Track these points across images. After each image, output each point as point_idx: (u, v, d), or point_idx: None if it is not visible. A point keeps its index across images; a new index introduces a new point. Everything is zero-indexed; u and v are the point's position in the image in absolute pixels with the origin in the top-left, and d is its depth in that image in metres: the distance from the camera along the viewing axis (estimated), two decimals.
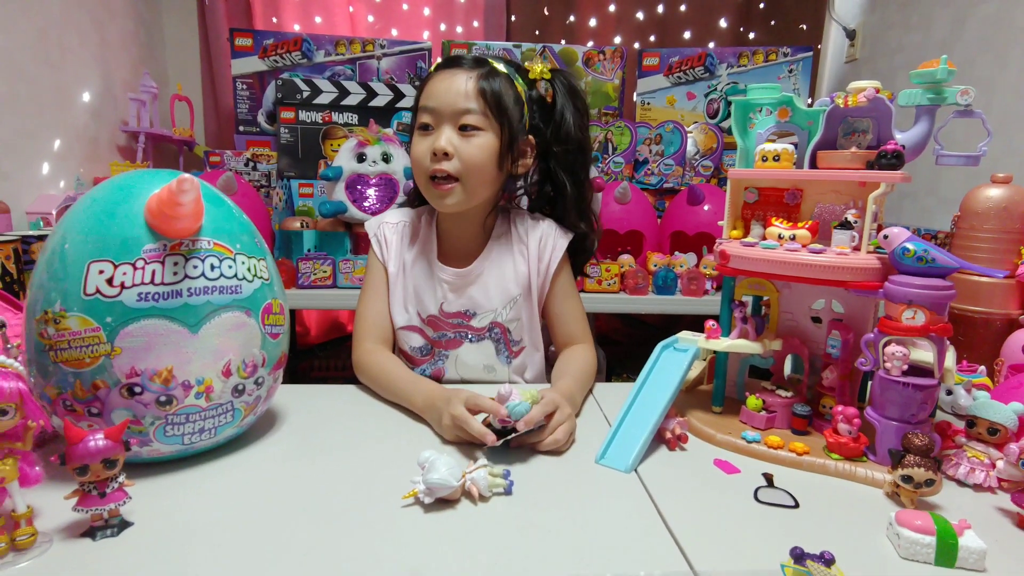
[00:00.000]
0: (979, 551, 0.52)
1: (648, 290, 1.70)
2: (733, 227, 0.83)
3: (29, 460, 0.52)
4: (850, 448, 0.68)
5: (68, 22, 1.81)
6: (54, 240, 0.61)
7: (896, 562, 0.53)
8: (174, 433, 0.63)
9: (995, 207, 0.87)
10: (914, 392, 0.64)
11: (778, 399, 0.77)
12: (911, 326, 0.64)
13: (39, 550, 0.51)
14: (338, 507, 0.59)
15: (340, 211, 1.66)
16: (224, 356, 0.64)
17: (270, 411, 0.81)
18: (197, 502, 0.60)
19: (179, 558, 0.51)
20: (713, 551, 0.53)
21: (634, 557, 0.53)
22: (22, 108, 1.64)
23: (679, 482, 0.66)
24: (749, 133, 0.83)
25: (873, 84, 0.72)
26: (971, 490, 0.66)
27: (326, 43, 2.02)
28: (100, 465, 0.52)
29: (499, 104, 0.87)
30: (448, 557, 0.52)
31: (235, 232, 0.67)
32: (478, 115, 0.86)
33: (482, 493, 0.60)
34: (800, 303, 0.80)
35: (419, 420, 0.80)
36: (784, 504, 0.61)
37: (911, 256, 0.64)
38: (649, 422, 0.71)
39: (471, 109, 0.86)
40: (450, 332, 0.97)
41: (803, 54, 2.03)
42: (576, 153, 0.96)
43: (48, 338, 0.58)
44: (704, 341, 0.79)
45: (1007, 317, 0.88)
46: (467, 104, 0.86)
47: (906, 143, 0.70)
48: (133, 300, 0.59)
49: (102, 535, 0.53)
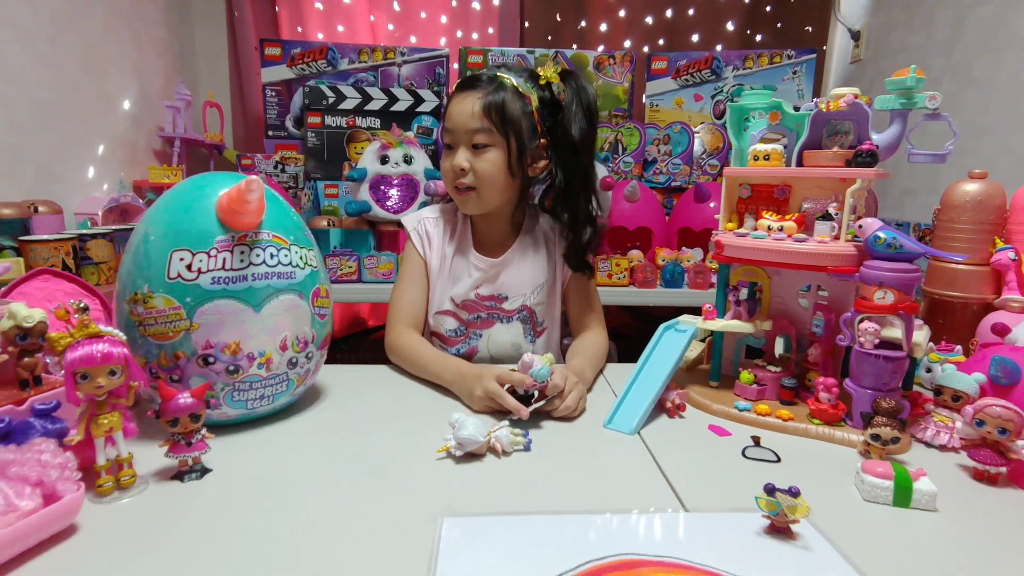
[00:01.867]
0: (931, 493, 0.60)
1: (656, 284, 1.78)
2: (728, 220, 0.92)
3: (127, 415, 0.62)
4: (830, 414, 0.77)
5: (109, 34, 1.93)
6: (138, 234, 0.72)
7: (860, 504, 0.62)
8: (240, 399, 0.73)
9: (971, 201, 0.95)
10: (885, 363, 0.73)
11: (768, 373, 0.86)
12: (882, 305, 0.72)
13: (138, 490, 0.62)
14: (382, 460, 0.69)
15: (364, 210, 1.77)
16: (281, 333, 0.74)
17: (315, 386, 0.92)
18: (262, 456, 0.70)
19: (252, 500, 0.61)
20: (702, 493, 0.63)
21: (633, 498, 0.62)
22: (70, 115, 1.76)
23: (676, 443, 0.75)
24: (744, 135, 0.92)
25: (852, 90, 0.80)
26: (937, 451, 0.75)
27: (350, 51, 2.13)
28: (188, 419, 0.62)
29: (504, 120, 0.96)
30: (475, 497, 0.62)
31: (289, 226, 0.77)
32: (486, 133, 0.97)
33: (505, 449, 0.70)
34: (790, 288, 0.89)
35: (447, 394, 0.90)
36: (767, 460, 0.70)
37: (882, 243, 0.73)
38: (651, 392, 0.80)
39: (480, 128, 0.96)
40: (484, 313, 1.07)
41: (806, 56, 2.11)
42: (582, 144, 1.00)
43: (137, 315, 0.69)
44: (701, 322, 0.88)
45: (983, 301, 0.96)
46: (476, 124, 0.96)
47: (880, 143, 0.79)
48: (208, 283, 0.69)
49: (188, 478, 0.64)
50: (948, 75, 1.91)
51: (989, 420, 0.65)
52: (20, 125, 1.57)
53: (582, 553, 0.51)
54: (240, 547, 0.53)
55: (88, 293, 0.90)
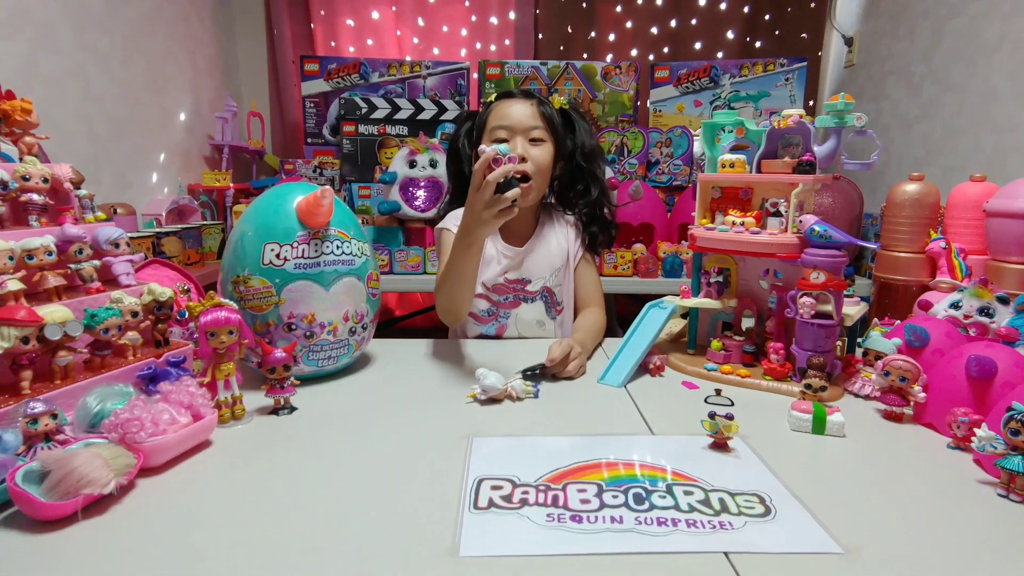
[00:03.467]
0: (840, 423, 0.80)
1: (658, 274, 1.98)
2: (703, 216, 1.11)
3: (239, 366, 0.84)
4: (778, 372, 0.96)
5: (168, 55, 2.17)
6: (237, 232, 0.94)
7: (788, 432, 0.81)
8: (313, 358, 0.95)
9: (910, 199, 1.13)
10: (819, 330, 0.92)
11: (733, 342, 1.05)
12: (815, 283, 0.91)
13: (248, 419, 0.83)
14: (424, 401, 0.90)
15: (395, 209, 1.99)
16: (344, 307, 0.96)
17: (366, 353, 1.13)
18: (333, 400, 0.92)
19: (328, 430, 0.82)
20: (667, 424, 0.83)
21: (615, 427, 0.82)
22: (137, 128, 2.01)
23: (654, 393, 0.95)
24: (716, 146, 1.11)
25: (798, 111, 0.99)
26: (863, 400, 0.93)
27: (380, 66, 2.35)
28: (282, 368, 0.84)
29: (551, 123, 1.21)
30: (495, 428, 0.82)
31: (350, 224, 0.99)
32: (541, 130, 1.20)
33: (519, 396, 0.91)
34: (752, 272, 1.08)
35: (475, 358, 1.11)
36: (724, 404, 0.90)
37: (816, 235, 0.92)
38: (636, 354, 1.01)
39: (537, 125, 1.20)
40: (511, 295, 1.28)
41: (798, 64, 2.28)
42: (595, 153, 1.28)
43: (240, 293, 0.91)
44: (679, 300, 1.07)
45: (920, 283, 1.14)
46: (534, 122, 1.19)
47: (819, 154, 0.98)
48: (292, 268, 0.91)
49: (282, 412, 0.85)
50: (928, 80, 2.07)
51: (893, 371, 0.84)
52: (99, 138, 1.82)
53: (571, 458, 0.72)
54: (323, 461, 0.73)
55: (186, 278, 1.13)
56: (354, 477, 0.68)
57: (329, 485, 0.67)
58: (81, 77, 1.73)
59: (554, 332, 1.31)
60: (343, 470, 0.70)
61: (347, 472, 0.70)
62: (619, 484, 0.66)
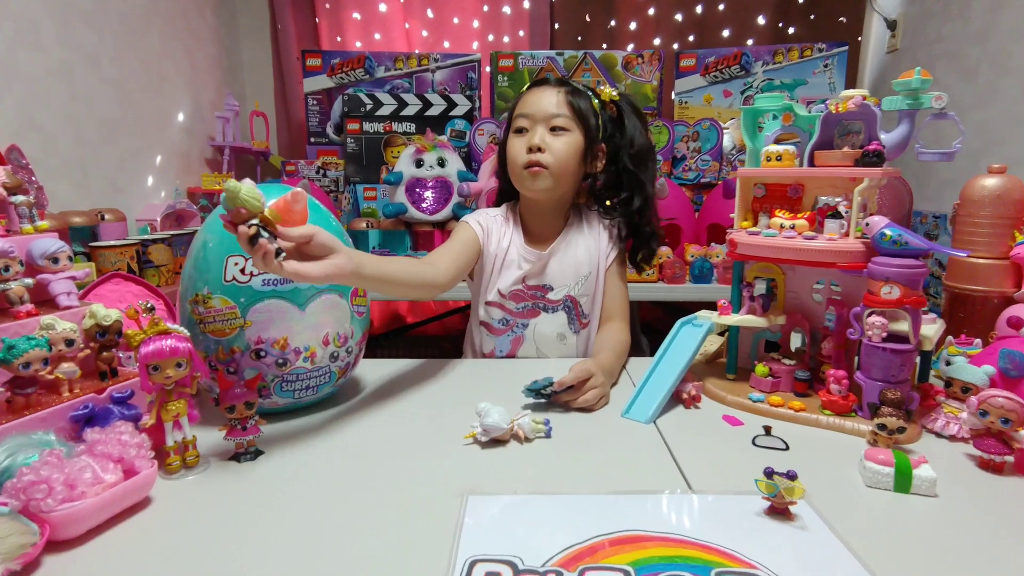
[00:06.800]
0: (930, 479, 0.63)
1: (685, 279, 1.81)
2: (744, 219, 0.95)
3: (191, 403, 0.71)
4: (840, 405, 0.80)
5: (165, 52, 2.07)
6: (198, 242, 0.80)
7: (862, 489, 0.65)
8: (288, 389, 0.81)
9: (990, 195, 0.96)
10: (892, 356, 0.76)
11: (782, 366, 0.89)
12: (888, 299, 0.75)
13: (201, 468, 0.70)
14: (415, 445, 0.76)
15: (401, 212, 1.85)
16: (323, 329, 0.82)
17: (355, 378, 0.99)
18: (308, 440, 0.78)
19: (299, 478, 0.68)
20: (709, 478, 0.67)
21: (644, 480, 0.67)
22: (131, 130, 1.90)
23: (690, 431, 0.80)
24: (758, 136, 0.95)
25: (861, 92, 0.83)
26: (947, 441, 0.77)
27: (386, 59, 2.22)
28: (243, 406, 0.70)
29: (581, 113, 1.07)
30: (499, 479, 0.68)
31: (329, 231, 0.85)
32: (566, 119, 1.07)
33: (527, 435, 0.76)
34: (804, 283, 0.92)
35: (476, 386, 0.96)
36: (776, 447, 0.74)
37: (887, 240, 0.76)
38: (667, 384, 0.85)
39: (560, 114, 1.06)
40: (529, 303, 1.13)
41: (838, 49, 2.09)
42: (645, 154, 1.13)
43: (198, 314, 0.77)
44: (717, 317, 0.92)
45: (1003, 295, 0.96)
46: (557, 110, 1.07)
47: (888, 143, 0.81)
48: (259, 285, 0.77)
49: (244, 459, 0.72)
50: (985, 64, 1.87)
51: (992, 410, 0.68)
52: (88, 141, 1.71)
53: (591, 529, 0.57)
54: (288, 519, 0.60)
55: (153, 294, 1.00)
56: (317, 549, 0.54)
57: (285, 559, 0.53)
58: (66, 76, 1.62)
59: (576, 348, 1.16)
60: (305, 538, 0.56)
61: (309, 541, 0.56)
62: (653, 571, 0.51)
